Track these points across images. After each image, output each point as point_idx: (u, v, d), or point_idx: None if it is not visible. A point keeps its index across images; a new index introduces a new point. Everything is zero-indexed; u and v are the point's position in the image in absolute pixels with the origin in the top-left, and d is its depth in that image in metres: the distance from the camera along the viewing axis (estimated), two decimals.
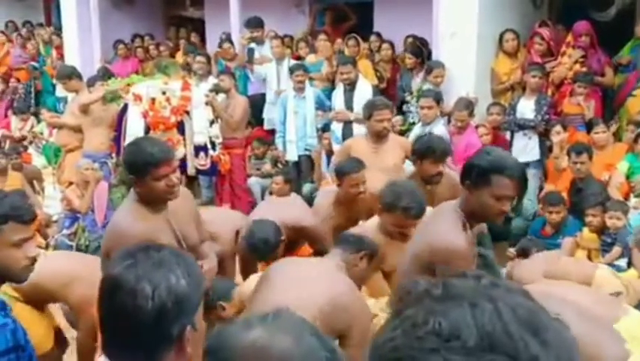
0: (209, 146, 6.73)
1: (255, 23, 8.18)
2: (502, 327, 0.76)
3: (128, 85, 6.86)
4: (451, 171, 4.46)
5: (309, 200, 6.73)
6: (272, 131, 7.64)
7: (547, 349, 0.76)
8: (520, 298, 0.82)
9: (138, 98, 6.69)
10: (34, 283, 3.57)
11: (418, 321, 0.79)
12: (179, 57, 9.05)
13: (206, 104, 6.75)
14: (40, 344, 3.54)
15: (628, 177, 5.63)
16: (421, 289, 0.84)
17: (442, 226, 2.80)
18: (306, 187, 7.14)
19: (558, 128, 6.07)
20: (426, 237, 2.89)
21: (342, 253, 3.10)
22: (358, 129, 6.55)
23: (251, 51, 8.20)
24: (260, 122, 8.05)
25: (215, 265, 3.34)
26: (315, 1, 9.49)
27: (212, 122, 6.77)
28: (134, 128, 6.57)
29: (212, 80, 7.26)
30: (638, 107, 6.26)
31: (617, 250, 5.03)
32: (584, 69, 6.62)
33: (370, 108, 5.05)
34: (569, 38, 6.78)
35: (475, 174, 2.69)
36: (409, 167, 5.31)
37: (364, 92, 6.69)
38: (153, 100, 6.68)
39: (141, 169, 2.83)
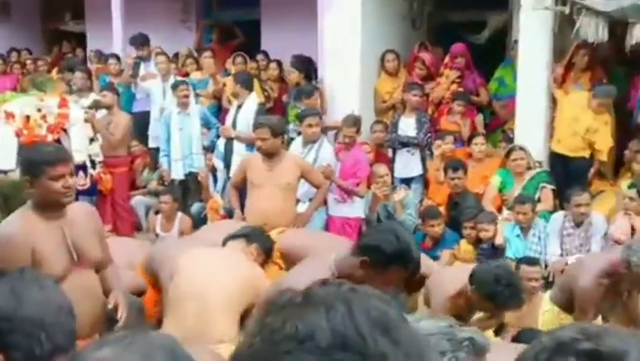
0: (88, 165, 6.46)
1: (140, 41, 8.00)
2: (354, 327, 0.80)
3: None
4: None
5: (198, 220, 6.65)
6: (157, 149, 7.46)
7: (397, 347, 0.81)
8: (375, 301, 0.86)
9: (11, 116, 6.33)
10: None
11: (276, 326, 0.82)
12: (54, 73, 8.68)
13: (86, 121, 6.49)
14: None
15: (500, 191, 5.96)
16: (285, 298, 0.88)
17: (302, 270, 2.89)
18: (195, 207, 7.01)
19: (449, 138, 6.34)
20: None
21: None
22: (239, 147, 6.58)
23: (137, 65, 8.00)
24: (145, 139, 7.85)
25: (122, 289, 3.21)
26: (202, 18, 9.42)
27: (91, 140, 6.51)
28: (5, 148, 6.21)
29: (92, 97, 7.00)
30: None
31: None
32: (461, 89, 6.96)
33: (252, 128, 5.12)
34: (447, 60, 7.12)
35: (377, 256, 2.56)
36: (303, 186, 5.38)
37: (248, 110, 6.72)
38: (28, 118, 6.34)
39: (37, 168, 2.83)
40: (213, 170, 6.94)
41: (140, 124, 7.58)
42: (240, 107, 6.81)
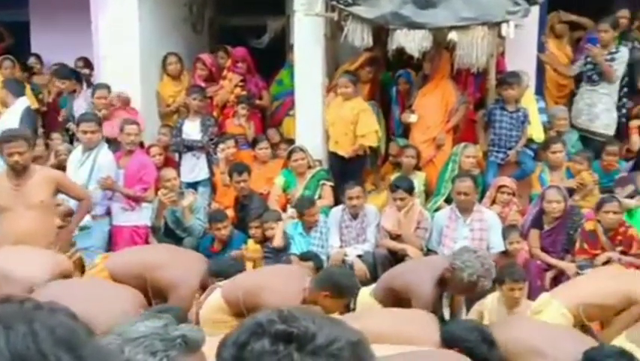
0: None
1: None
2: (35, 347, 0.79)
3: None
4: None
5: None
6: None
7: None
8: (62, 318, 0.85)
9: None
10: None
11: None
12: None
13: None
14: None
15: (284, 190, 6.16)
16: None
17: None
18: None
19: (230, 142, 6.37)
20: None
21: None
22: None
23: None
24: None
25: None
26: None
27: None
28: None
29: None
30: (293, 126, 6.85)
31: None
32: (244, 92, 7.07)
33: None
34: (229, 63, 7.18)
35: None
36: (60, 198, 5.02)
37: (13, 113, 6.30)
38: None
39: None
40: None
41: None
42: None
